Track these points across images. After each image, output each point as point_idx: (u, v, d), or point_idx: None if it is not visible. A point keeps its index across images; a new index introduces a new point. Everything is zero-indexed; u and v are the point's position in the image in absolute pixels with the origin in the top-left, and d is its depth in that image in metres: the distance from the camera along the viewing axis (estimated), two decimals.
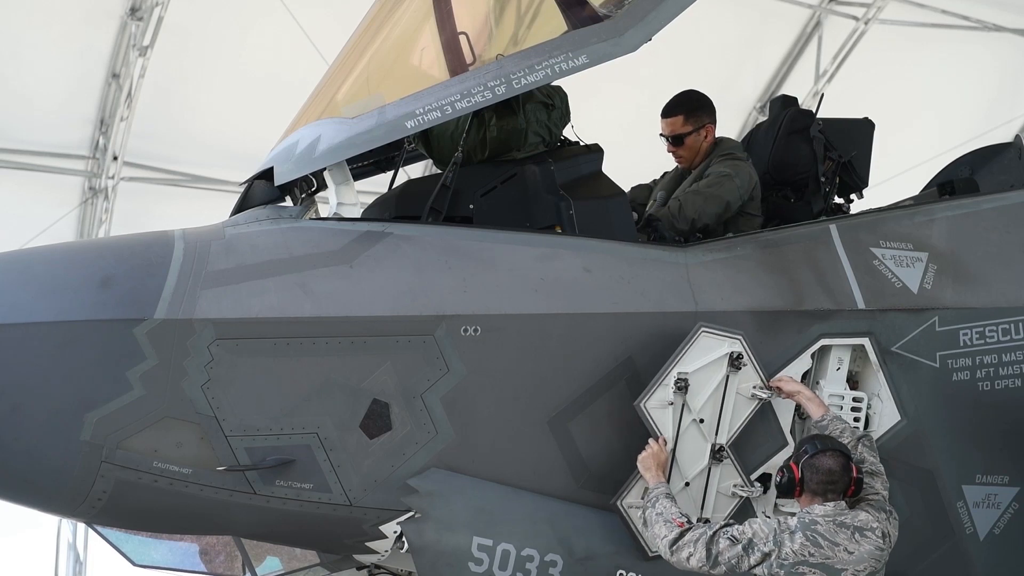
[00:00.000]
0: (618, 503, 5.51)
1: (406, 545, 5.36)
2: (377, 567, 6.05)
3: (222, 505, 5.23)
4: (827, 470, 5.22)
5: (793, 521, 5.20)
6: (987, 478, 5.92)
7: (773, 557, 5.11)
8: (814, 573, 5.12)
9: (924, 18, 15.43)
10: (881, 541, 5.22)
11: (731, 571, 5.15)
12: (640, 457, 5.39)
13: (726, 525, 5.21)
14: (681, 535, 5.14)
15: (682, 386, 5.42)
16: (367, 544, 5.47)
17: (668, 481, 5.43)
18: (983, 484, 5.92)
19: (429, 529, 5.34)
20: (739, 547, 5.12)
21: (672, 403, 5.43)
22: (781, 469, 5.38)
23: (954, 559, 5.89)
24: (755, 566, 5.13)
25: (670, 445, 5.43)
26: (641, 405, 5.42)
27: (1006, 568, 6.01)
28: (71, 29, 13.12)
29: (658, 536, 5.21)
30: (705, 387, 5.47)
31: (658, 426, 5.42)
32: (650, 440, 5.40)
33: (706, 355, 5.47)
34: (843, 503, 5.25)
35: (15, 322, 5.03)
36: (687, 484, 5.52)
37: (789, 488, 5.31)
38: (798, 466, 5.28)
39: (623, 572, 5.56)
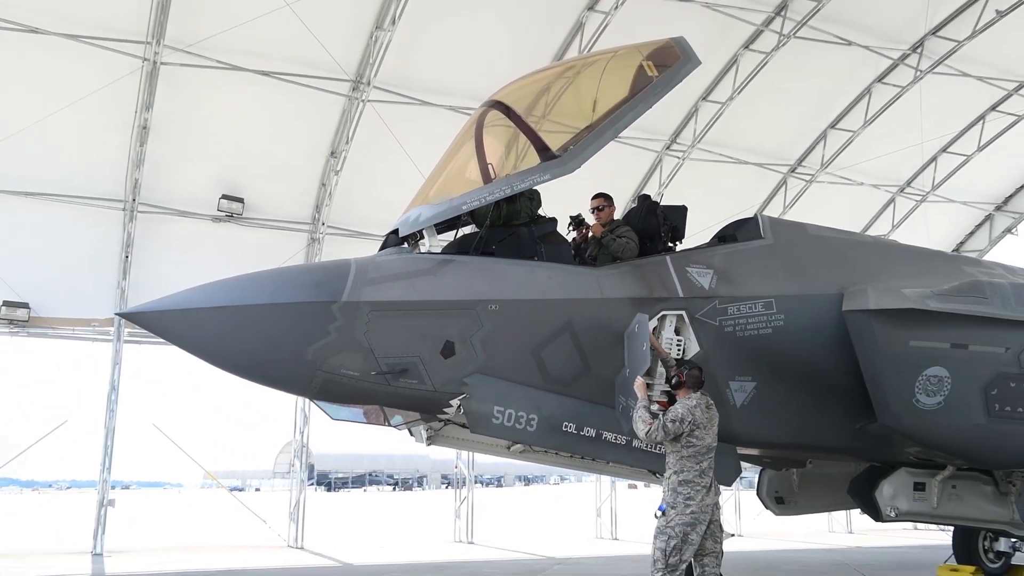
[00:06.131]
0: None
1: (463, 409, 5.35)
2: (448, 420, 5.96)
3: (374, 391, 5.21)
4: (696, 375, 5.28)
5: (692, 402, 5.18)
6: (740, 378, 5.92)
7: (687, 422, 5.08)
8: (703, 428, 5.11)
9: (709, 157, 15.67)
10: (716, 414, 5.27)
11: (676, 437, 5.08)
12: (635, 385, 5.25)
13: (665, 413, 5.14)
14: (649, 428, 5.06)
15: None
16: (444, 409, 5.44)
17: (648, 397, 5.33)
18: (738, 380, 5.92)
19: (473, 402, 5.31)
20: (677, 423, 5.05)
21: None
22: (673, 376, 5.36)
23: (725, 418, 5.78)
24: (684, 430, 5.08)
25: (643, 380, 5.31)
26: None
27: (751, 424, 5.97)
28: (303, 164, 13.51)
29: (639, 431, 5.10)
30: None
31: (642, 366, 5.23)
32: (637, 377, 5.26)
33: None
34: (701, 394, 5.28)
35: (276, 302, 5.03)
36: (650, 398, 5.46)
37: (677, 385, 5.30)
38: (683, 373, 5.31)
39: (567, 424, 5.48)
